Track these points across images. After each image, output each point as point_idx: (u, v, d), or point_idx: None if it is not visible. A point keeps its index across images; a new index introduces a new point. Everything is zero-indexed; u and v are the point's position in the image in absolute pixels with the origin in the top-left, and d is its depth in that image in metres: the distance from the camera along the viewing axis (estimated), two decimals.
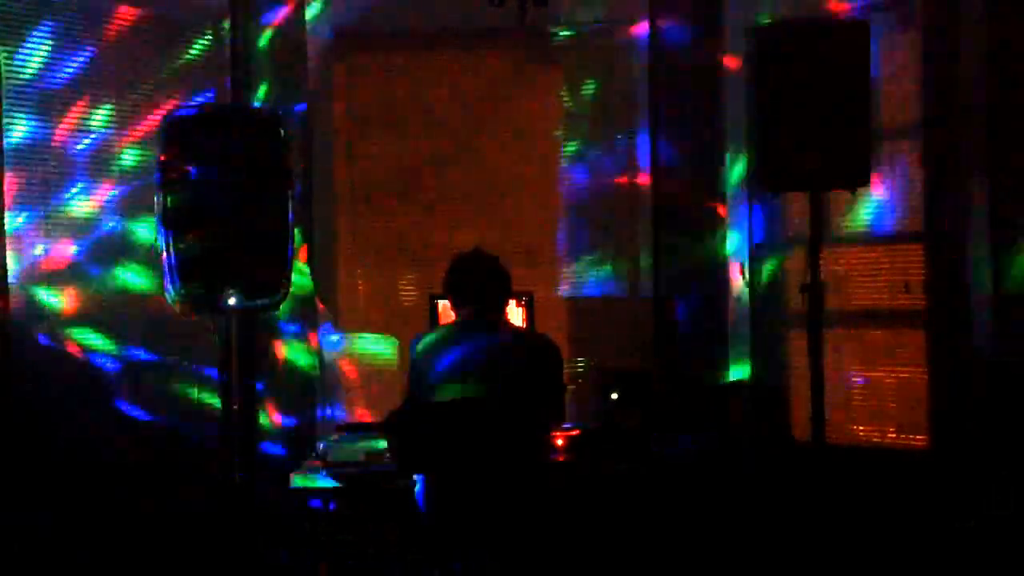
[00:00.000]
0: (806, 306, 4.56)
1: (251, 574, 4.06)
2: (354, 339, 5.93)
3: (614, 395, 5.38)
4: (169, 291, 3.85)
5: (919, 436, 5.13)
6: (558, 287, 6.00)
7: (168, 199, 3.79)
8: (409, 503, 4.28)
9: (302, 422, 5.63)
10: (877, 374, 5.29)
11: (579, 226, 6.00)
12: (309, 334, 5.70)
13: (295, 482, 4.87)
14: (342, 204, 5.97)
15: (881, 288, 5.26)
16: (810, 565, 4.64)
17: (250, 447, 4.08)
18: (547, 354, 4.29)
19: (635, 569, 4.78)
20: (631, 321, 5.81)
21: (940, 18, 4.99)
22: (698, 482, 5.07)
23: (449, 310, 4.43)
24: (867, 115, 4.43)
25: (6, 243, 4.69)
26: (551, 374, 4.28)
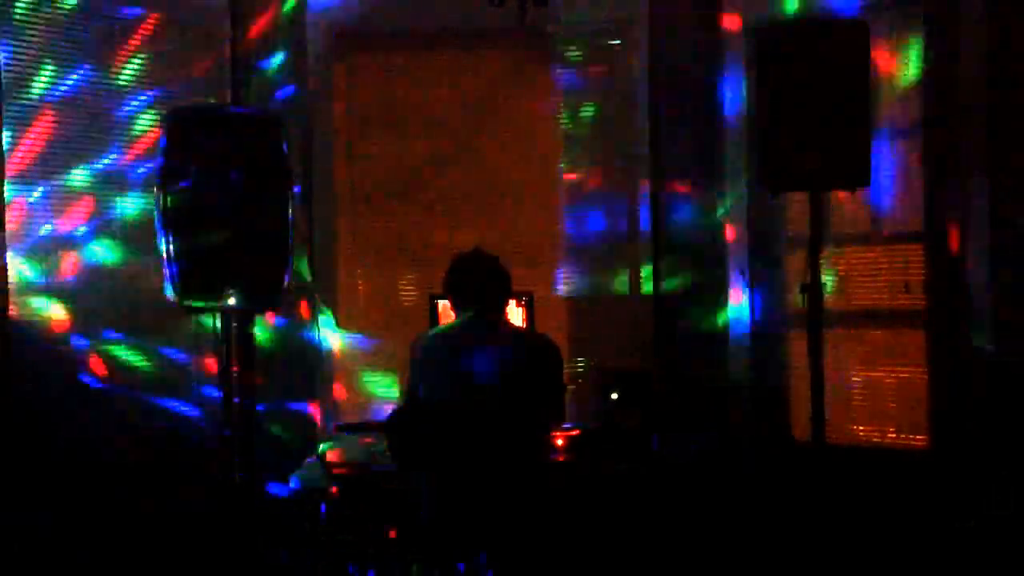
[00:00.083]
0: (806, 306, 4.56)
1: (251, 574, 4.06)
2: (354, 339, 5.93)
3: (614, 395, 5.38)
4: (169, 291, 3.85)
5: (919, 436, 5.13)
6: (558, 287, 6.00)
7: (168, 199, 3.78)
8: (409, 503, 4.28)
9: (302, 422, 5.64)
10: (877, 374, 5.29)
11: (579, 226, 6.00)
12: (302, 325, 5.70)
13: (295, 482, 4.88)
14: (342, 204, 5.97)
15: (881, 288, 5.27)
16: (810, 565, 4.64)
17: (250, 447, 4.07)
18: (547, 354, 4.29)
19: (635, 569, 4.78)
20: (631, 321, 5.81)
21: (940, 18, 4.99)
22: (698, 482, 5.08)
23: (449, 310, 4.43)
24: (867, 115, 4.43)
25: (6, 244, 4.69)
26: (551, 374, 4.28)
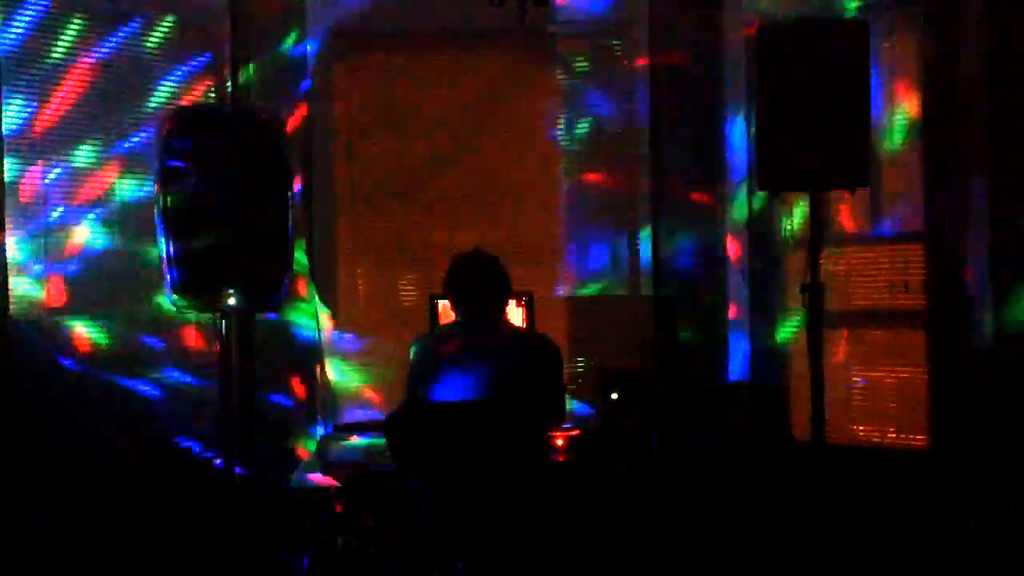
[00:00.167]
0: (806, 306, 4.55)
1: (251, 574, 4.06)
2: (354, 339, 5.93)
3: (614, 395, 5.38)
4: (169, 291, 3.85)
5: (919, 436, 5.13)
6: (558, 287, 6.00)
7: (168, 199, 3.78)
8: (409, 503, 4.28)
9: (302, 422, 5.64)
10: (877, 374, 5.29)
11: (579, 226, 6.00)
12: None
13: (295, 482, 4.88)
14: (342, 204, 5.97)
15: (881, 288, 5.27)
16: (810, 565, 4.64)
17: (250, 446, 4.08)
18: (547, 354, 4.29)
19: (635, 569, 4.78)
20: (631, 321, 5.81)
21: (940, 18, 4.99)
22: (698, 482, 5.07)
23: (449, 310, 4.43)
24: (867, 115, 4.43)
25: (6, 245, 4.69)
26: (551, 374, 4.28)
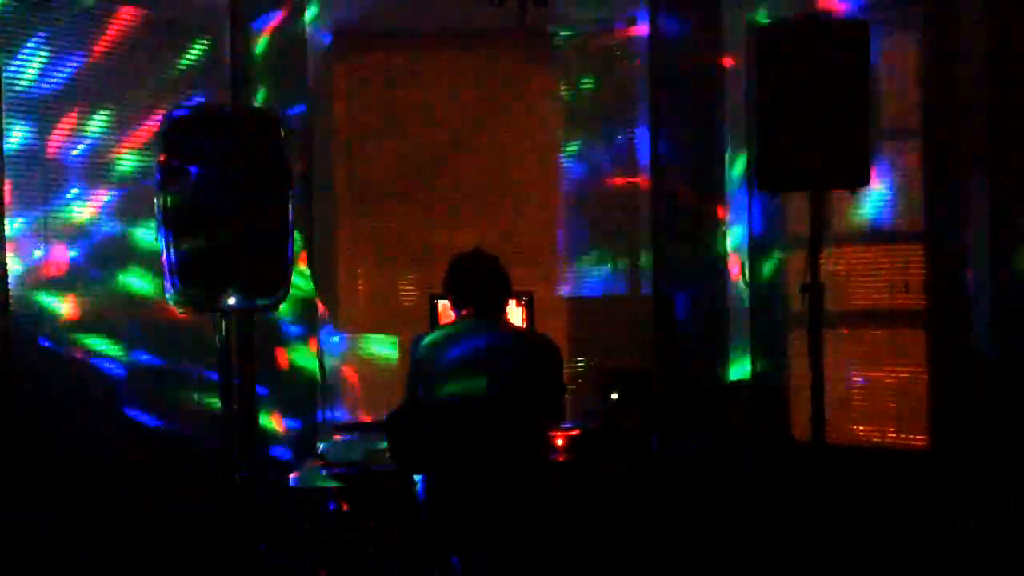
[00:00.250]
0: (806, 306, 4.56)
1: (251, 574, 4.06)
2: (354, 339, 5.93)
3: (614, 395, 5.38)
4: (169, 291, 3.85)
5: (919, 436, 5.13)
6: (558, 287, 6.00)
7: (168, 199, 3.77)
8: (409, 503, 4.28)
9: (303, 423, 5.63)
10: (877, 374, 5.29)
11: (579, 226, 6.00)
12: (310, 338, 5.70)
13: (295, 482, 4.88)
14: (342, 204, 5.97)
15: (881, 288, 5.27)
16: (810, 565, 4.64)
17: (250, 447, 4.07)
18: (547, 354, 4.29)
19: (635, 569, 4.78)
20: (631, 321, 5.81)
21: (940, 18, 5.00)
22: (698, 482, 5.07)
23: (449, 310, 4.43)
24: (867, 115, 4.43)
25: (6, 246, 4.69)
26: (551, 374, 4.28)
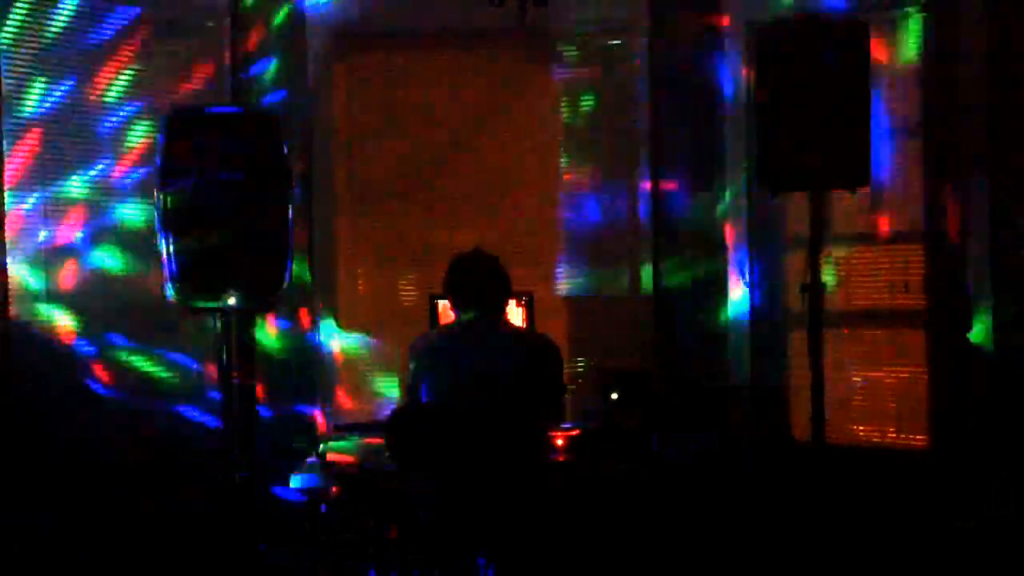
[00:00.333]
0: (806, 306, 4.55)
1: (251, 574, 4.06)
2: (354, 339, 5.93)
3: (614, 395, 5.38)
4: (169, 291, 3.85)
5: (919, 436, 5.13)
6: (558, 287, 5.99)
7: (168, 199, 3.78)
8: (409, 503, 4.28)
9: (303, 422, 5.63)
10: (877, 374, 5.29)
11: (579, 226, 6.00)
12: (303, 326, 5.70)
13: (295, 482, 4.88)
14: (342, 204, 5.97)
15: (881, 288, 5.27)
16: (810, 565, 4.64)
17: (250, 447, 4.07)
18: (547, 354, 4.29)
19: (635, 569, 4.78)
20: (631, 321, 5.81)
21: (940, 18, 4.99)
22: (698, 482, 5.07)
23: (449, 310, 4.43)
24: (867, 115, 4.43)
25: (6, 245, 4.70)
26: (551, 374, 4.28)
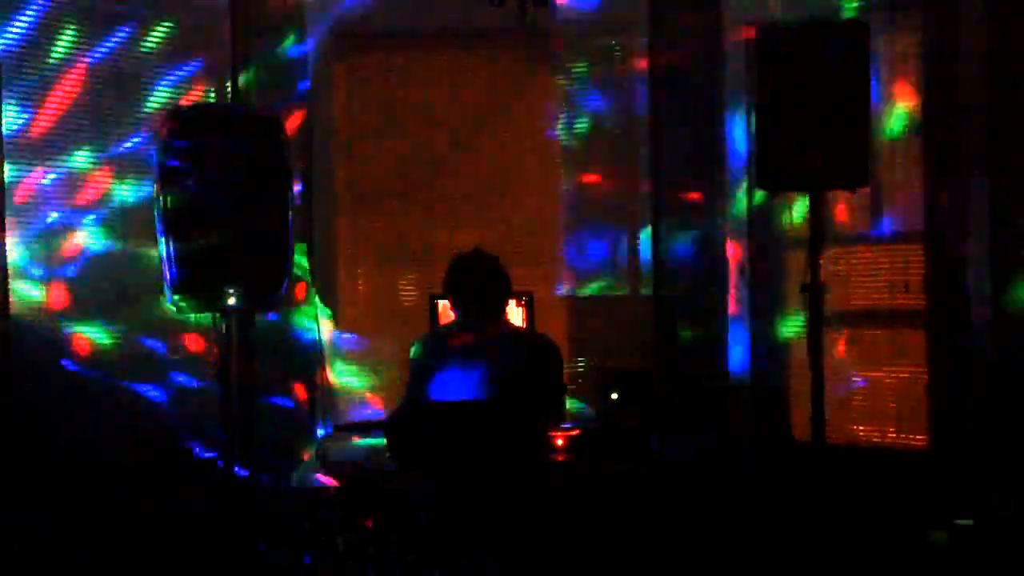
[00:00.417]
0: (806, 306, 4.55)
1: (251, 574, 4.06)
2: (354, 339, 5.93)
3: (614, 395, 5.38)
4: (169, 291, 3.85)
5: (919, 436, 5.13)
6: (558, 287, 5.99)
7: (168, 199, 3.78)
8: (409, 503, 4.28)
9: (303, 422, 5.64)
10: (877, 374, 5.29)
11: (579, 226, 6.00)
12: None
13: (295, 482, 4.88)
14: (342, 204, 5.97)
15: (881, 288, 5.27)
16: (810, 565, 4.64)
17: (250, 446, 4.07)
18: (547, 354, 4.29)
19: (635, 569, 4.78)
20: (631, 321, 5.81)
21: (940, 18, 4.99)
22: (698, 482, 5.07)
23: (449, 310, 4.43)
24: (867, 115, 4.43)
25: (6, 245, 4.69)
26: (551, 374, 4.28)
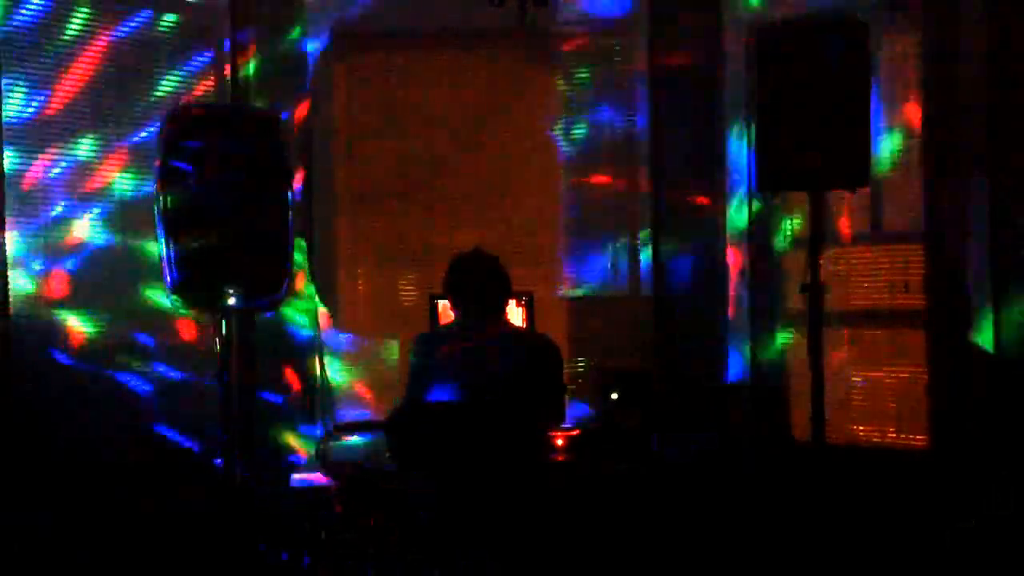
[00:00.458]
0: (806, 306, 4.55)
1: (251, 574, 4.06)
2: (354, 339, 5.93)
3: (614, 395, 5.38)
4: (169, 292, 3.85)
5: (919, 436, 5.13)
6: (558, 287, 5.99)
7: (168, 199, 3.78)
8: (409, 503, 4.28)
9: (303, 421, 5.64)
10: (877, 374, 5.29)
11: (579, 225, 6.00)
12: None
13: (295, 482, 4.88)
14: (342, 204, 5.97)
15: (881, 288, 5.27)
16: (810, 565, 4.64)
17: (250, 446, 4.07)
18: (547, 354, 4.29)
19: (635, 569, 4.78)
20: (631, 321, 5.81)
21: (940, 18, 4.99)
22: (698, 482, 5.07)
23: (449, 310, 4.43)
24: (867, 115, 4.43)
25: (6, 245, 4.69)
26: (551, 374, 4.28)
